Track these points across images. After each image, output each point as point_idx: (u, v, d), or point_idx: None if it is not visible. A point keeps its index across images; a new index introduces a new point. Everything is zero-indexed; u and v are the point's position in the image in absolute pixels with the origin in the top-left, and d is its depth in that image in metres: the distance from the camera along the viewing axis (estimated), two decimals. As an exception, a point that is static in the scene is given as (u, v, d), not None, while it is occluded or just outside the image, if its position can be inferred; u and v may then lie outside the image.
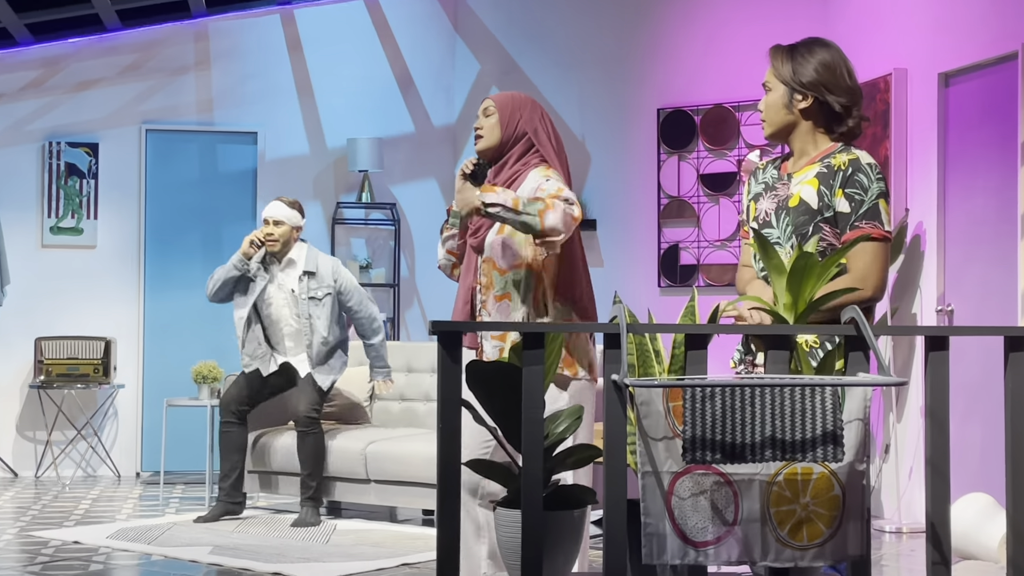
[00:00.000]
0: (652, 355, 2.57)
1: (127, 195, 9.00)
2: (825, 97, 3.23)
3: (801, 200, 3.22)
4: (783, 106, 3.28)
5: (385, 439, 6.91)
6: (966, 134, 6.49)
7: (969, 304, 6.44)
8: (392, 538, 6.41)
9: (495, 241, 3.94)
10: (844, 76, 3.25)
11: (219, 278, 6.95)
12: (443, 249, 4.19)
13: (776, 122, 3.31)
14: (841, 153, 3.24)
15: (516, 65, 9.21)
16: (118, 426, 8.96)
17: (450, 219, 4.17)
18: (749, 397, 2.20)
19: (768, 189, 3.34)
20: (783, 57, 3.30)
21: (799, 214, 3.22)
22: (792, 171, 3.31)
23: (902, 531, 6.60)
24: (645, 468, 2.23)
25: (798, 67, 3.26)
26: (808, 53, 3.27)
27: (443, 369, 2.41)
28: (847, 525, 2.23)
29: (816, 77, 3.23)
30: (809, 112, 3.27)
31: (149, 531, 6.51)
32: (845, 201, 3.18)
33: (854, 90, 3.26)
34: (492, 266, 3.95)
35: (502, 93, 4.08)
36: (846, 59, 3.29)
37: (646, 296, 8.66)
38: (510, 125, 3.98)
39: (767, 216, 3.30)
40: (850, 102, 3.25)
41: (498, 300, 3.94)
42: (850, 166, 3.19)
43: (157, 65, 9.07)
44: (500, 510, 2.63)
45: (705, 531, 2.20)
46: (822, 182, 3.21)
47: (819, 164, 3.25)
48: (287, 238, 6.89)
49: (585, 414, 3.89)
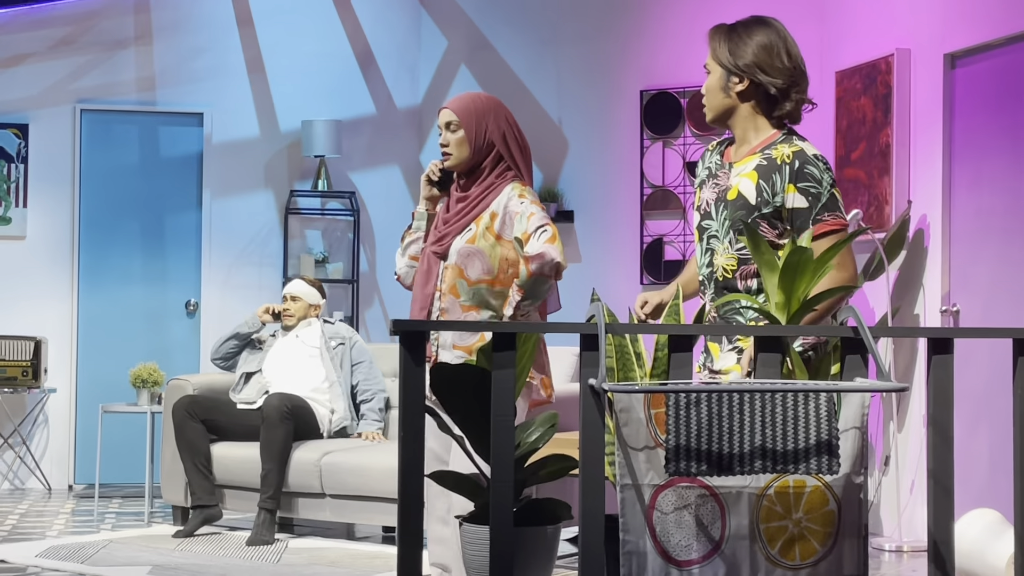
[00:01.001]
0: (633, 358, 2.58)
1: (60, 181, 8.95)
2: (760, 79, 3.32)
3: (739, 194, 3.31)
4: (720, 89, 3.38)
5: (342, 450, 6.90)
6: (974, 120, 6.53)
7: (976, 304, 6.48)
8: (349, 557, 6.41)
9: (463, 249, 4.02)
10: (782, 56, 3.32)
11: (224, 336, 7.52)
12: (404, 257, 4.26)
13: (715, 106, 3.41)
14: (782, 144, 3.32)
15: (487, 42, 9.21)
16: (49, 434, 8.92)
17: (414, 223, 4.24)
18: (737, 404, 2.22)
19: (711, 176, 3.44)
20: (721, 38, 3.40)
21: (736, 208, 3.30)
22: (733, 160, 3.40)
23: (903, 549, 6.64)
24: (624, 480, 2.23)
25: (735, 48, 3.36)
26: (746, 34, 3.37)
27: (405, 372, 2.41)
28: (843, 543, 2.24)
29: (752, 59, 3.32)
30: (746, 95, 3.36)
31: (83, 549, 6.49)
32: (800, 196, 3.26)
33: (793, 71, 3.34)
34: (458, 274, 4.01)
35: (460, 99, 4.16)
36: (788, 38, 3.37)
37: (627, 294, 8.68)
38: (478, 137, 4.10)
39: (707, 206, 3.41)
40: (787, 83, 3.32)
41: (464, 311, 4.00)
42: (796, 159, 3.28)
43: (93, 39, 9.02)
44: (467, 526, 2.64)
45: (689, 549, 2.21)
46: (761, 175, 3.29)
47: (759, 155, 3.33)
48: (303, 315, 7.45)
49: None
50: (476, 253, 4.01)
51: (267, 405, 6.86)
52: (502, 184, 4.08)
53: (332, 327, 7.44)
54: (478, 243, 4.02)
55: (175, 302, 9.12)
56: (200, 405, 7.04)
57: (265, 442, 6.80)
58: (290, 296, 7.46)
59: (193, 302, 9.11)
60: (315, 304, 7.48)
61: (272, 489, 6.77)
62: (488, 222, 4.02)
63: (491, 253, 4.01)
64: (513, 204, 4.04)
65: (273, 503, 6.77)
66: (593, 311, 2.39)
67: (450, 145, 4.10)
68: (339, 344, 7.36)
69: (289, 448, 6.89)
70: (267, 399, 6.92)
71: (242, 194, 9.20)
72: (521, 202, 4.03)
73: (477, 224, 4.04)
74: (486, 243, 4.00)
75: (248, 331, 7.44)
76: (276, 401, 6.87)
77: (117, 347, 8.98)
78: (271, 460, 6.79)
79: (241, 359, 7.44)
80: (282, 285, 9.13)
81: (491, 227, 4.02)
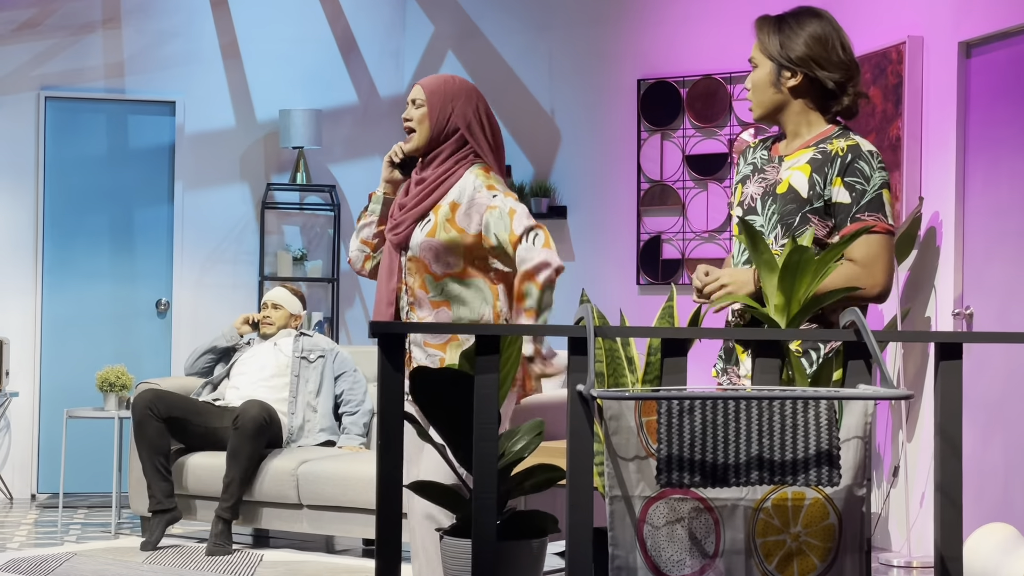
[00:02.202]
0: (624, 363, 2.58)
1: (22, 173, 8.94)
2: (816, 73, 3.32)
3: (790, 187, 3.29)
4: (771, 84, 3.37)
5: (319, 458, 6.90)
6: (990, 112, 6.54)
7: (991, 307, 6.49)
8: (328, 571, 6.41)
9: (424, 244, 4.01)
10: (837, 49, 3.33)
11: (201, 348, 7.55)
12: (356, 239, 4.28)
13: (764, 102, 3.39)
14: (839, 138, 3.32)
15: (476, 28, 9.22)
16: (10, 441, 8.91)
17: (370, 205, 4.25)
18: (733, 411, 2.22)
19: (756, 171, 3.41)
20: (770, 30, 3.38)
21: (786, 202, 3.28)
22: (784, 154, 3.38)
23: (912, 565, 6.65)
24: (614, 492, 2.24)
25: (786, 40, 3.34)
26: (797, 25, 3.35)
27: (383, 376, 2.41)
28: (844, 558, 2.25)
29: (806, 51, 3.32)
30: (799, 90, 3.35)
31: (45, 562, 6.48)
32: (845, 191, 3.25)
33: (849, 64, 3.34)
34: (423, 268, 4.01)
35: (433, 78, 4.18)
36: (840, 30, 3.38)
37: (623, 295, 8.68)
38: (440, 119, 4.08)
39: (752, 201, 3.38)
40: (844, 78, 3.33)
41: (435, 307, 4.01)
42: (849, 153, 3.27)
43: (58, 22, 9.01)
44: (448, 539, 2.64)
45: (682, 564, 2.21)
46: (815, 169, 3.28)
47: (813, 149, 3.32)
48: (283, 324, 7.53)
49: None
50: (439, 247, 4.00)
51: (244, 414, 6.85)
52: (461, 168, 4.06)
53: (311, 339, 7.46)
54: (439, 236, 4.00)
55: (145, 301, 9.11)
56: (164, 401, 7.02)
57: (234, 450, 6.80)
58: (271, 303, 7.52)
59: (164, 301, 9.10)
60: (296, 315, 7.55)
61: (233, 499, 6.79)
62: (448, 213, 4.00)
63: (454, 246, 4.00)
64: (481, 196, 4.00)
65: (231, 513, 6.79)
66: (582, 313, 2.39)
67: (413, 120, 4.10)
68: (319, 356, 7.39)
69: (259, 460, 6.90)
70: (245, 406, 6.90)
71: (216, 187, 9.20)
72: (492, 195, 4.00)
73: (436, 214, 4.02)
74: (447, 235, 3.99)
75: (226, 344, 7.51)
76: (255, 411, 6.86)
77: (83, 349, 8.97)
78: (237, 469, 6.80)
79: (215, 369, 7.49)
80: (258, 283, 9.12)
81: (452, 219, 3.99)
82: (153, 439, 6.98)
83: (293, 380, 7.29)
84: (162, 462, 6.98)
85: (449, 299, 4.02)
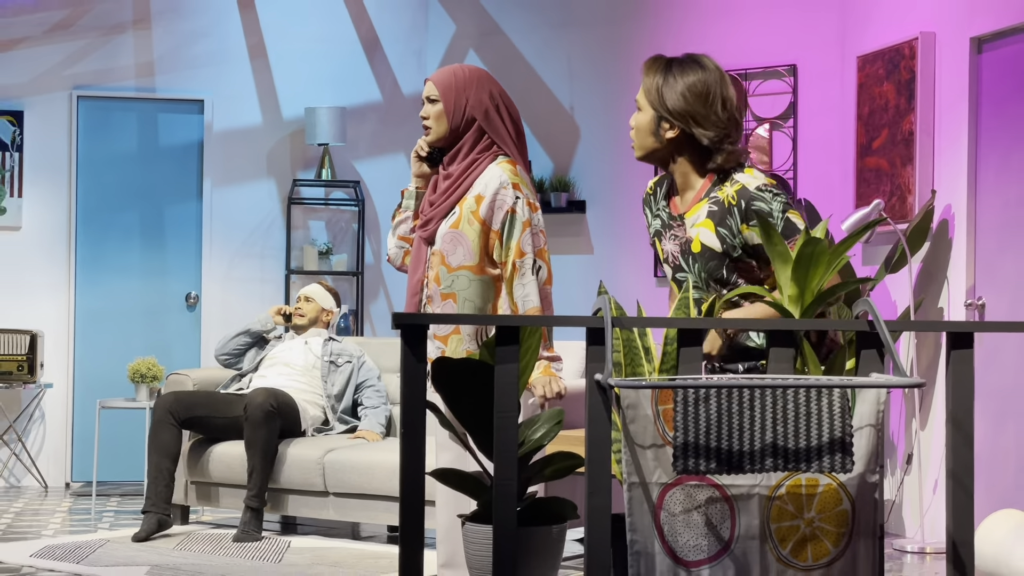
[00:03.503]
0: (641, 352, 2.58)
1: (56, 170, 8.97)
2: (692, 129, 3.22)
3: (703, 246, 3.24)
4: (650, 132, 3.29)
5: (345, 447, 6.91)
6: (1001, 107, 6.51)
7: (1003, 298, 6.46)
8: (353, 557, 6.42)
9: (447, 235, 3.97)
10: (716, 105, 3.23)
11: (232, 333, 7.57)
12: (394, 237, 4.25)
13: (644, 146, 3.32)
14: (726, 184, 3.24)
15: (497, 26, 9.21)
16: (45, 431, 8.94)
17: (403, 202, 4.21)
18: (748, 400, 2.21)
19: (665, 227, 3.36)
20: (654, 73, 3.29)
21: (707, 259, 3.25)
22: (682, 211, 3.33)
23: (925, 551, 6.63)
24: (632, 479, 2.23)
25: (667, 91, 3.25)
26: (680, 74, 3.26)
27: (406, 367, 2.41)
28: (857, 544, 2.24)
29: (684, 106, 3.23)
30: (678, 143, 3.27)
31: (79, 549, 6.51)
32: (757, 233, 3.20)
33: (727, 122, 3.23)
34: (441, 260, 3.99)
35: (442, 71, 4.06)
36: (725, 83, 3.26)
37: (640, 287, 8.67)
38: (456, 112, 3.99)
39: (675, 259, 3.33)
40: (719, 136, 3.23)
41: (443, 299, 3.98)
42: (740, 198, 3.21)
43: (90, 23, 9.04)
44: (470, 525, 2.64)
45: (698, 549, 2.21)
46: (718, 223, 3.23)
47: (707, 201, 3.26)
48: (315, 317, 7.53)
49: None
50: (459, 238, 3.97)
51: (251, 403, 6.85)
52: (485, 161, 4.00)
53: (340, 344, 7.46)
54: (462, 227, 3.97)
55: (175, 295, 9.13)
56: (183, 403, 7.00)
57: (249, 439, 6.82)
58: (304, 297, 7.55)
59: (193, 295, 9.13)
60: (328, 309, 7.57)
61: (257, 487, 6.79)
62: (473, 205, 3.95)
63: (474, 239, 3.97)
64: (505, 195, 3.93)
65: (258, 501, 6.79)
66: (600, 304, 2.39)
67: (429, 118, 4.04)
68: (347, 362, 7.40)
69: (275, 445, 6.90)
70: (252, 395, 6.91)
71: (244, 183, 9.21)
72: (516, 198, 3.93)
73: (461, 207, 3.98)
74: (471, 228, 3.95)
75: (260, 329, 7.52)
76: (260, 399, 6.85)
77: (115, 341, 9.00)
78: (255, 457, 6.81)
79: (246, 359, 7.48)
80: (285, 277, 9.14)
81: (476, 212, 3.95)
82: (166, 444, 6.96)
83: (320, 381, 7.32)
84: (168, 467, 6.94)
85: (455, 292, 3.99)
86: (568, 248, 8.87)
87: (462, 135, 4.01)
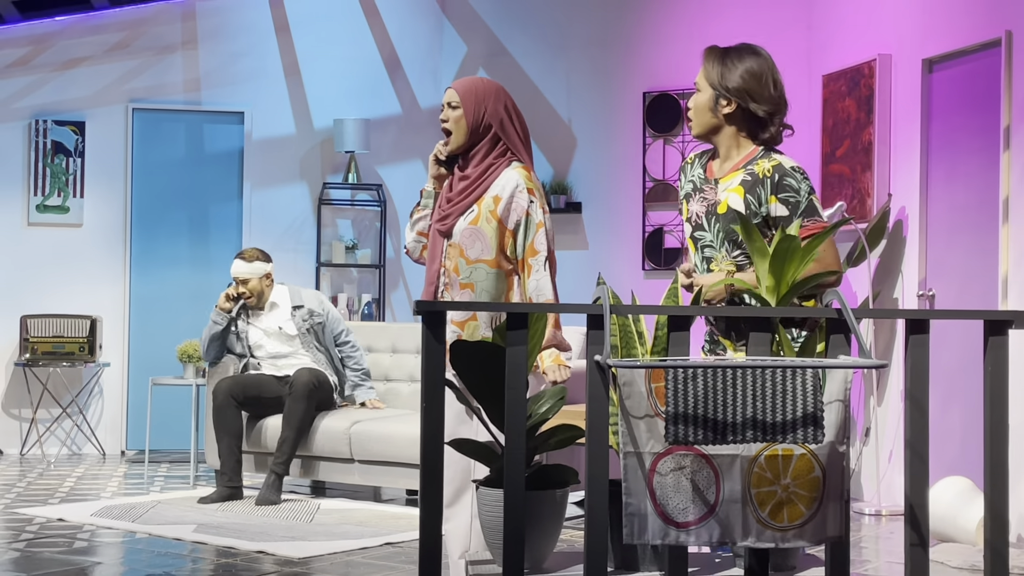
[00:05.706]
0: (635, 336, 2.57)
1: (113, 174, 8.96)
2: (748, 104, 3.30)
3: (729, 208, 3.29)
4: (708, 109, 3.36)
5: (369, 419, 6.91)
6: (949, 120, 6.49)
7: (950, 289, 6.45)
8: (376, 517, 6.42)
9: (466, 231, 3.94)
10: (769, 85, 3.31)
11: (205, 337, 7.17)
12: (412, 232, 4.21)
13: (702, 123, 3.38)
14: (763, 160, 3.30)
15: (503, 48, 9.19)
16: (103, 404, 8.95)
17: (422, 200, 4.18)
18: (730, 378, 2.21)
19: (696, 189, 3.40)
20: (714, 60, 3.37)
21: (728, 220, 3.29)
22: (718, 176, 3.37)
23: (881, 513, 6.63)
24: (627, 448, 2.23)
25: (726, 72, 3.33)
26: (738, 59, 3.34)
27: (427, 348, 2.40)
28: (827, 506, 2.24)
29: (742, 84, 3.30)
30: (733, 117, 3.34)
31: (133, 509, 6.51)
32: (782, 206, 3.26)
33: (778, 100, 3.33)
34: (459, 252, 3.96)
35: (465, 80, 4.00)
36: (774, 69, 3.36)
37: (630, 279, 8.66)
38: (475, 119, 3.93)
39: (698, 219, 3.37)
40: (773, 110, 3.31)
41: (462, 288, 3.95)
42: (775, 172, 3.26)
43: (144, 44, 9.02)
44: (483, 489, 2.63)
45: (686, 511, 2.20)
46: (748, 190, 3.28)
47: (743, 171, 3.31)
48: (259, 290, 7.09)
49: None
50: (477, 234, 3.94)
51: (297, 380, 6.84)
52: (501, 165, 3.95)
53: (303, 309, 7.12)
54: (480, 225, 3.94)
55: (218, 284, 9.12)
56: (240, 385, 6.95)
57: (288, 412, 6.80)
58: (239, 280, 7.08)
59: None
60: (265, 272, 7.09)
61: (285, 456, 6.77)
62: (491, 205, 3.90)
63: (491, 236, 3.95)
64: (520, 199, 3.89)
65: (283, 468, 6.77)
66: (599, 293, 2.38)
67: (449, 122, 3.97)
68: (319, 321, 7.12)
69: (310, 420, 6.88)
70: (297, 373, 6.90)
71: (279, 186, 9.20)
72: (531, 201, 3.89)
73: (479, 206, 3.95)
74: (488, 226, 3.93)
75: (221, 326, 7.11)
76: (306, 376, 6.86)
77: (165, 325, 9.00)
78: (290, 429, 6.79)
79: (235, 346, 7.22)
80: (315, 269, 9.13)
81: (494, 211, 3.91)
82: (231, 424, 6.91)
83: (313, 352, 7.10)
84: (236, 444, 6.90)
85: (474, 282, 3.97)
86: (566, 245, 8.86)
87: (479, 141, 3.96)
